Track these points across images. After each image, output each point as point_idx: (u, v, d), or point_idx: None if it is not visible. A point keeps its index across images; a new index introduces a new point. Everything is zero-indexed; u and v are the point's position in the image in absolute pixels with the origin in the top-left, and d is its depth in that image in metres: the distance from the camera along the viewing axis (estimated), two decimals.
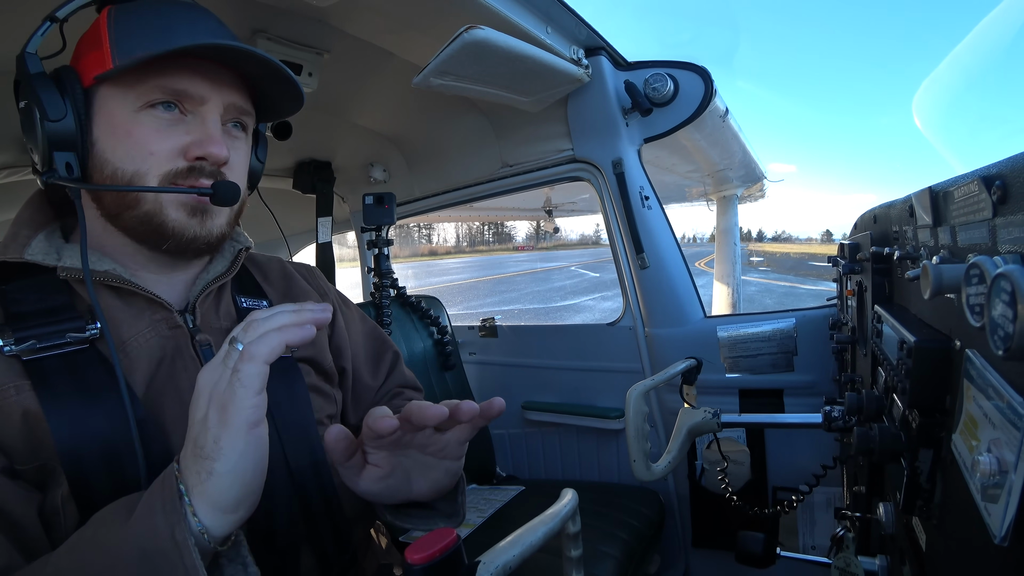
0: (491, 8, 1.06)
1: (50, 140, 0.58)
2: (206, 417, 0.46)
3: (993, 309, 0.32)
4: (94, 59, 0.59)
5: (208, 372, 0.48)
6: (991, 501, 0.34)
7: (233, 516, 0.46)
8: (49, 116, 0.57)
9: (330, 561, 0.68)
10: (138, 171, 0.59)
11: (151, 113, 0.59)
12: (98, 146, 0.60)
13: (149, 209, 0.60)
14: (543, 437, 1.96)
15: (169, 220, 0.61)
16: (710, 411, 1.07)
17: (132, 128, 0.59)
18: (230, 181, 0.63)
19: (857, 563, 0.77)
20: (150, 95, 0.59)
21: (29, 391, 0.53)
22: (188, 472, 0.46)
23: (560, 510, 0.59)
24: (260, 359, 0.45)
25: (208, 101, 0.61)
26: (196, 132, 0.61)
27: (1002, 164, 0.39)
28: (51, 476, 0.54)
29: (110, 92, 0.59)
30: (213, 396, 0.46)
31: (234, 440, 0.44)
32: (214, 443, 0.44)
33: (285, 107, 0.70)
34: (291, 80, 0.64)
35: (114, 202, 0.61)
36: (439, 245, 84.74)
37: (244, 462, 0.45)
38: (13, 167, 1.41)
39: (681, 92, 1.49)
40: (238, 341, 0.47)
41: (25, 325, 0.56)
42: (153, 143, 0.59)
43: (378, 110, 1.74)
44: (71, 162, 0.59)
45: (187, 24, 0.62)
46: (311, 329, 0.47)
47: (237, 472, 0.45)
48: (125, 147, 0.59)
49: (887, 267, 0.80)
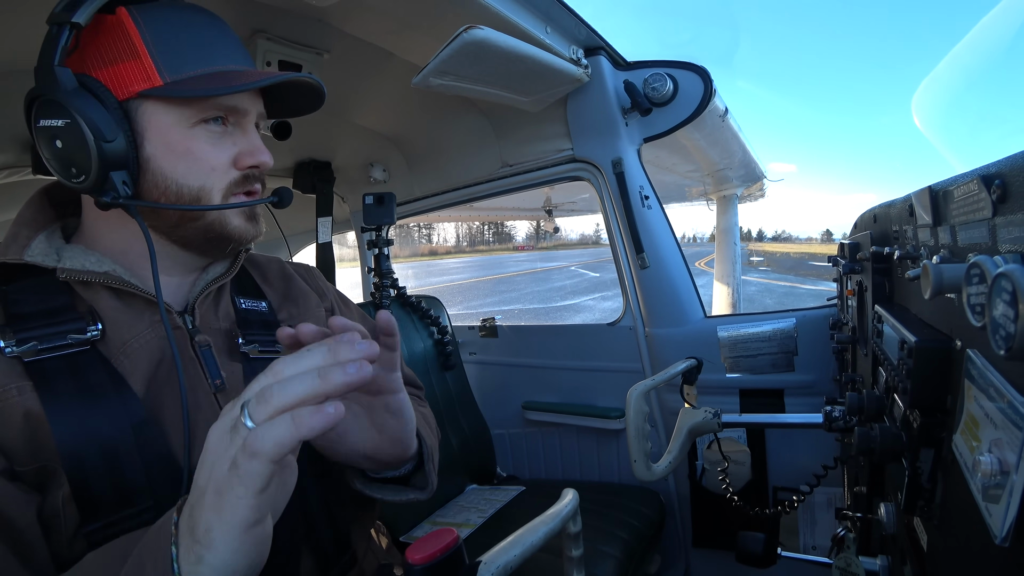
0: (491, 8, 1.06)
1: (105, 160, 0.56)
2: (204, 492, 0.40)
3: (994, 309, 0.32)
4: (132, 70, 0.58)
5: (216, 431, 0.42)
6: (992, 501, 0.34)
7: None
8: (105, 137, 0.56)
9: (330, 561, 0.68)
10: (203, 186, 0.61)
11: (205, 128, 0.61)
12: (154, 163, 0.60)
13: (213, 220, 0.64)
14: (543, 437, 1.96)
15: (232, 227, 0.65)
16: (710, 411, 1.07)
17: (190, 145, 0.60)
18: (285, 187, 0.68)
19: (858, 563, 0.77)
20: (206, 112, 0.60)
21: (31, 392, 0.53)
22: (182, 543, 0.41)
23: (560, 510, 0.59)
24: (265, 457, 0.38)
25: (249, 113, 0.65)
26: (242, 143, 0.64)
27: (1002, 163, 0.39)
28: (52, 478, 0.53)
29: (159, 107, 0.59)
30: (213, 472, 0.40)
31: (227, 538, 0.39)
32: (206, 531, 0.40)
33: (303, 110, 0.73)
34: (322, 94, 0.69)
35: (177, 216, 0.62)
36: (439, 245, 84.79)
37: (238, 559, 0.40)
38: (13, 167, 1.41)
39: (681, 92, 1.49)
40: (247, 413, 0.40)
41: (26, 326, 0.56)
42: (213, 158, 0.62)
43: (378, 110, 1.74)
44: (127, 180, 0.59)
45: (220, 38, 0.63)
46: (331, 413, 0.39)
47: (229, 568, 0.40)
48: (186, 164, 0.60)
49: (887, 267, 0.80)
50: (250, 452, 0.38)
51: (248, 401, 0.40)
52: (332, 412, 0.39)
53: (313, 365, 0.41)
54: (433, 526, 1.50)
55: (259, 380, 0.42)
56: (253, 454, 0.38)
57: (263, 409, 0.40)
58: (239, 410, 0.40)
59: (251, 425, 0.39)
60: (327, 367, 0.41)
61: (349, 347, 0.42)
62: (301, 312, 0.78)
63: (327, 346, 0.42)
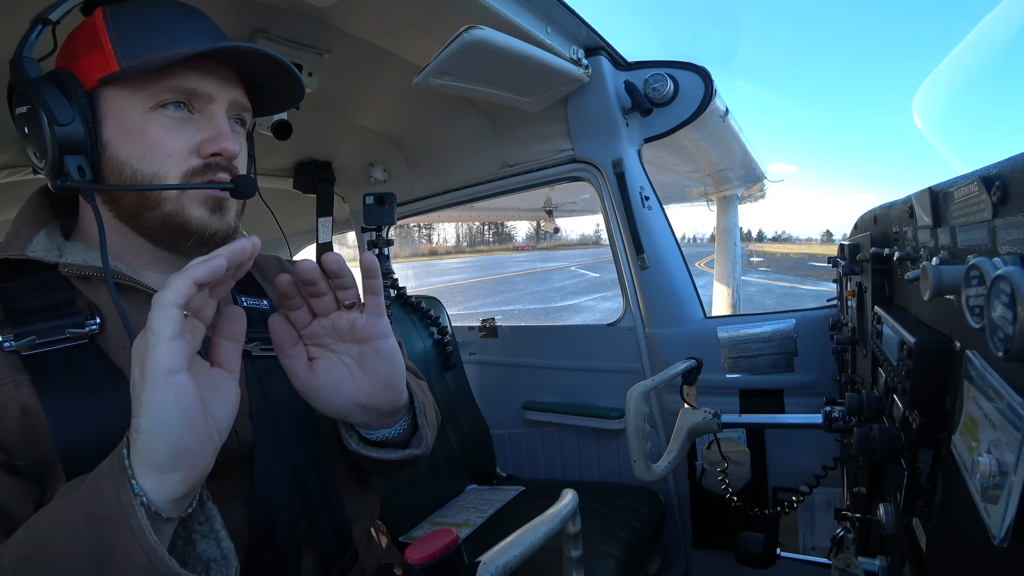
0: (491, 8, 1.06)
1: (60, 144, 0.57)
2: (134, 379, 0.44)
3: (993, 310, 0.32)
4: (95, 60, 0.59)
5: (139, 338, 0.46)
6: (991, 502, 0.34)
7: (172, 476, 0.44)
8: (58, 120, 0.57)
9: (331, 560, 0.68)
10: (157, 172, 0.60)
11: (162, 113, 0.60)
12: (111, 148, 0.60)
13: (171, 209, 0.61)
14: (543, 437, 1.96)
15: (192, 218, 0.62)
16: (710, 411, 1.07)
17: (146, 129, 0.59)
18: (247, 175, 0.65)
19: (857, 564, 0.77)
20: (161, 96, 0.59)
21: (28, 386, 0.54)
22: (128, 438, 0.45)
23: (560, 510, 0.59)
24: (168, 304, 0.43)
25: (216, 99, 0.62)
26: (207, 130, 0.62)
27: (1002, 165, 0.39)
28: (49, 472, 0.54)
29: (117, 94, 0.59)
30: (135, 355, 0.45)
31: (151, 392, 0.43)
32: (136, 400, 0.43)
33: (285, 102, 0.72)
34: (293, 75, 0.65)
35: (133, 204, 0.61)
36: (439, 245, 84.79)
37: (165, 413, 0.43)
38: (13, 167, 1.41)
39: (681, 92, 1.49)
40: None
41: (25, 321, 0.56)
42: (169, 143, 0.60)
43: (378, 110, 1.74)
44: (83, 165, 0.59)
45: (188, 24, 0.62)
46: (220, 261, 0.45)
47: (160, 426, 0.43)
48: (141, 148, 0.60)
49: (887, 268, 0.80)
50: (154, 305, 0.43)
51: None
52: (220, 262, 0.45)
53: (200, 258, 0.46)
54: (433, 526, 1.50)
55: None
56: (157, 304, 0.43)
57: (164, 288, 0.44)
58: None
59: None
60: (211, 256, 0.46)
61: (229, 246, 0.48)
62: None
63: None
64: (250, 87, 0.68)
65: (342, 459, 0.75)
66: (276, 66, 0.64)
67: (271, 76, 0.66)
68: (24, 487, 0.53)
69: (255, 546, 0.61)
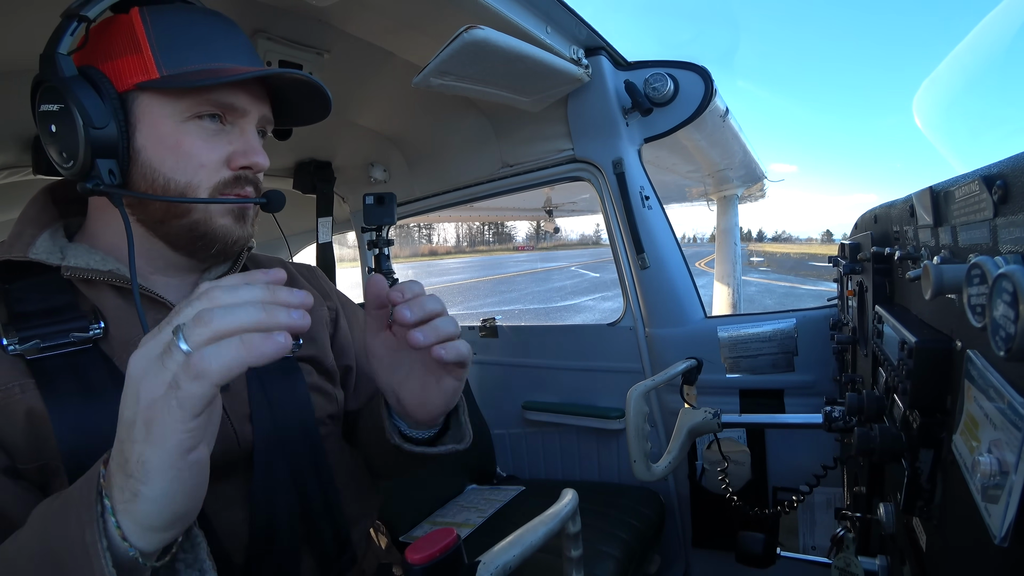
0: (491, 8, 1.06)
1: (93, 146, 0.56)
2: (133, 425, 0.38)
3: (994, 310, 0.32)
4: (132, 64, 0.58)
5: (140, 360, 0.39)
6: (991, 502, 0.34)
7: (167, 533, 0.42)
8: (94, 123, 0.56)
9: (330, 561, 0.68)
10: (190, 183, 0.60)
11: (198, 124, 0.60)
12: (144, 155, 0.60)
13: (199, 218, 0.62)
14: (543, 437, 1.96)
15: (218, 227, 0.63)
16: (710, 411, 1.07)
17: (181, 139, 0.59)
18: (277, 189, 0.67)
19: (857, 563, 0.77)
20: (200, 108, 0.60)
21: (34, 390, 0.54)
22: (114, 483, 0.40)
23: (560, 510, 0.59)
24: (211, 380, 0.37)
25: (249, 114, 0.63)
26: (238, 143, 0.63)
27: (1003, 164, 0.39)
28: (53, 476, 0.54)
29: (154, 100, 0.59)
30: (141, 401, 0.38)
31: (162, 467, 0.38)
32: (138, 462, 0.38)
33: (309, 119, 0.73)
34: (326, 99, 0.67)
35: (162, 211, 0.61)
36: (439, 245, 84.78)
37: (175, 488, 0.39)
38: (13, 167, 1.41)
39: (681, 92, 1.49)
40: (182, 335, 0.38)
41: (29, 324, 0.56)
42: (203, 155, 0.60)
43: (378, 110, 1.74)
44: (113, 169, 0.58)
45: (225, 37, 0.63)
46: (282, 343, 0.38)
47: (167, 498, 0.39)
48: (175, 158, 0.60)
49: (888, 267, 0.80)
50: (194, 373, 0.37)
51: (182, 325, 0.38)
52: (283, 342, 0.38)
53: (254, 297, 0.40)
54: (433, 526, 1.50)
55: (192, 305, 0.40)
56: (198, 375, 0.37)
57: (202, 332, 0.38)
58: (170, 334, 0.39)
59: (186, 348, 0.37)
60: (270, 304, 0.40)
61: (288, 291, 0.41)
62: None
63: (265, 284, 0.42)
64: (275, 101, 0.69)
65: (342, 461, 0.75)
66: (312, 90, 0.66)
67: (304, 97, 0.68)
68: (26, 492, 0.52)
69: (255, 548, 0.61)
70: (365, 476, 0.80)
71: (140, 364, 0.39)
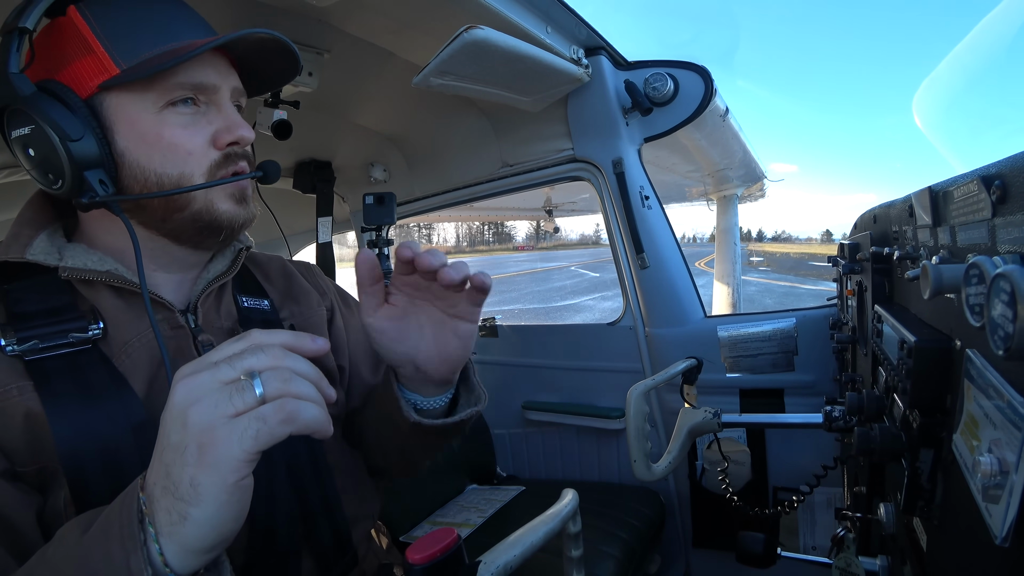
0: (491, 8, 1.06)
1: (77, 160, 0.55)
2: (183, 448, 0.39)
3: (993, 309, 0.32)
4: (87, 65, 0.56)
5: (193, 388, 0.41)
6: (992, 501, 0.34)
7: (207, 556, 0.42)
8: (71, 136, 0.54)
9: (330, 562, 0.68)
10: (183, 173, 0.59)
11: (174, 112, 0.59)
12: (129, 156, 0.58)
13: (200, 207, 0.61)
14: (543, 437, 1.96)
15: (221, 213, 0.62)
16: (710, 411, 1.07)
17: (161, 131, 0.58)
18: (270, 160, 0.65)
19: (858, 563, 0.77)
20: (171, 94, 0.58)
21: (32, 392, 0.53)
22: (158, 507, 0.40)
23: (560, 510, 0.59)
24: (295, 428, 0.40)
25: (220, 89, 0.62)
26: (218, 121, 0.61)
27: (1001, 164, 0.39)
28: (52, 478, 0.53)
29: (122, 98, 0.57)
30: (191, 425, 0.39)
31: (216, 489, 0.39)
32: (191, 485, 0.39)
33: (280, 79, 0.71)
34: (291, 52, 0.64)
35: (161, 208, 0.60)
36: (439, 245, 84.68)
37: (224, 512, 0.40)
38: (13, 167, 1.41)
39: (681, 91, 1.49)
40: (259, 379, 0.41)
41: (27, 325, 0.56)
42: (188, 142, 0.59)
43: (378, 110, 1.74)
44: (103, 178, 0.57)
45: (173, 14, 0.61)
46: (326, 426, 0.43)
47: (216, 520, 0.40)
48: (161, 152, 0.58)
49: (887, 267, 0.80)
50: (284, 418, 0.40)
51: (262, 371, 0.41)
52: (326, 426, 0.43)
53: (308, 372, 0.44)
54: (433, 526, 1.50)
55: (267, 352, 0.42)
56: (288, 420, 0.40)
57: (280, 387, 0.41)
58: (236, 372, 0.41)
59: (260, 392, 0.40)
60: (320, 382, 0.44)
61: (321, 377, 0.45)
62: (303, 310, 0.78)
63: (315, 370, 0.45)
64: (242, 71, 0.67)
65: (342, 462, 0.75)
66: (274, 47, 0.63)
67: (271, 59, 0.66)
68: (25, 494, 0.52)
69: (254, 549, 0.61)
70: (365, 476, 0.80)
71: (192, 392, 0.41)
